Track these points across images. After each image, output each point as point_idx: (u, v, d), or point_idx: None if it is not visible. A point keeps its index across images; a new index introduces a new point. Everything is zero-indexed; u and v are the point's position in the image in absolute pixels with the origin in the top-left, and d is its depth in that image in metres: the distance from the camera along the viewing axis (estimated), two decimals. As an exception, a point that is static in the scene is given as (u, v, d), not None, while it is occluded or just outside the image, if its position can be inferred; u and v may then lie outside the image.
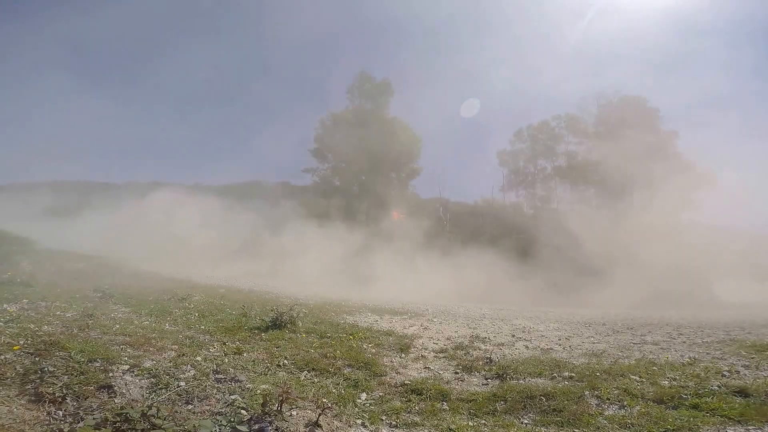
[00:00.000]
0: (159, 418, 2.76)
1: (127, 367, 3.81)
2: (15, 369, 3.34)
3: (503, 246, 28.52)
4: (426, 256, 25.83)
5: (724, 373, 4.67)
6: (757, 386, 4.05)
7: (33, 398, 3.00)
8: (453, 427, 3.47)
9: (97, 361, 3.77)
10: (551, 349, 6.42)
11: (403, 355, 5.77)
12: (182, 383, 3.64)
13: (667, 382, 4.37)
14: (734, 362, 5.17)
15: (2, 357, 3.54)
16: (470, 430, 3.45)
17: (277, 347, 5.33)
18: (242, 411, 3.23)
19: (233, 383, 3.83)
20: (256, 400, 3.39)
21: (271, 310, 6.86)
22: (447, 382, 4.63)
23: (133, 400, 3.25)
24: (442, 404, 3.97)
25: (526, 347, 6.54)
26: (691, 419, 3.44)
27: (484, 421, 3.63)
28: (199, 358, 4.40)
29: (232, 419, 3.03)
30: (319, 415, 3.30)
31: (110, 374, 3.58)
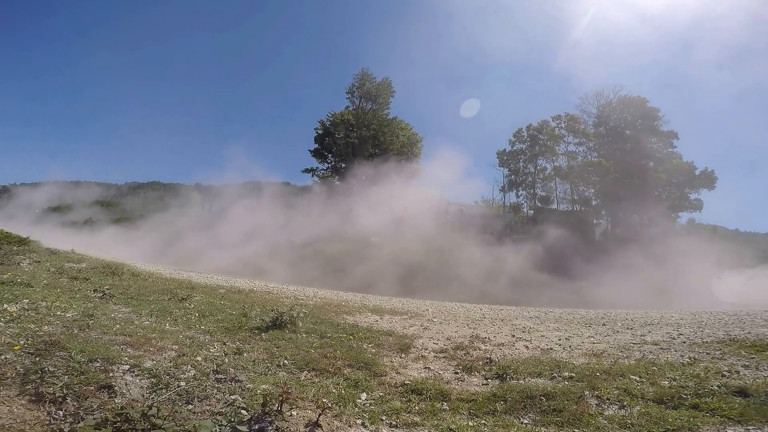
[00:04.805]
0: (159, 418, 2.76)
1: (127, 367, 3.81)
2: (15, 369, 3.34)
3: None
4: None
5: (724, 373, 4.67)
6: (757, 386, 4.05)
7: (33, 398, 3.01)
8: (453, 427, 3.47)
9: (98, 361, 3.77)
10: (551, 349, 6.43)
11: (403, 355, 5.77)
12: (182, 383, 3.64)
13: (667, 382, 4.37)
14: (734, 362, 5.17)
15: (3, 357, 3.54)
16: (470, 430, 3.45)
17: (277, 347, 5.33)
18: (242, 411, 3.23)
19: (233, 383, 3.83)
20: (256, 400, 3.39)
21: (272, 310, 6.86)
22: (447, 382, 4.63)
23: (133, 400, 3.25)
24: (442, 404, 3.97)
25: (526, 347, 6.54)
26: (691, 419, 3.43)
27: (484, 421, 3.63)
28: (199, 358, 4.40)
29: (233, 419, 3.03)
30: (319, 415, 3.30)
31: (110, 374, 3.58)
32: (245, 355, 4.86)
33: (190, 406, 3.29)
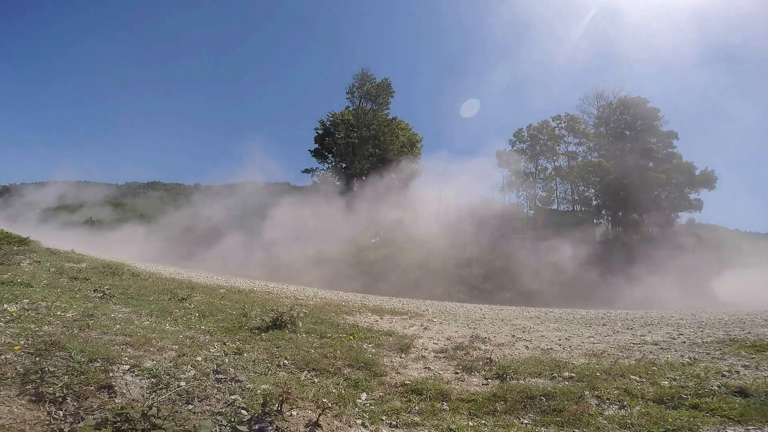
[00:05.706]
0: (159, 418, 2.76)
1: (127, 367, 3.81)
2: (15, 369, 3.34)
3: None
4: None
5: (724, 373, 4.67)
6: (757, 386, 4.05)
7: (33, 398, 3.01)
8: (453, 427, 3.47)
9: (98, 361, 3.77)
10: (551, 349, 6.43)
11: (403, 355, 5.77)
12: (182, 383, 3.64)
13: (667, 382, 4.37)
14: (734, 362, 5.18)
15: (3, 357, 3.54)
16: (470, 430, 3.45)
17: (277, 347, 5.33)
18: (242, 411, 3.23)
19: (233, 383, 3.83)
20: (256, 400, 3.39)
21: (272, 311, 6.86)
22: (447, 382, 4.63)
23: (133, 400, 3.25)
24: (442, 404, 3.97)
25: (526, 347, 6.54)
26: (691, 419, 3.43)
27: (484, 421, 3.63)
28: (199, 358, 4.40)
29: (233, 419, 3.03)
30: (320, 415, 3.30)
31: (110, 374, 3.58)
32: (245, 355, 4.86)
33: (190, 406, 3.29)
